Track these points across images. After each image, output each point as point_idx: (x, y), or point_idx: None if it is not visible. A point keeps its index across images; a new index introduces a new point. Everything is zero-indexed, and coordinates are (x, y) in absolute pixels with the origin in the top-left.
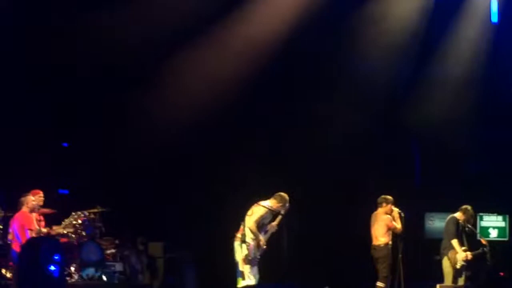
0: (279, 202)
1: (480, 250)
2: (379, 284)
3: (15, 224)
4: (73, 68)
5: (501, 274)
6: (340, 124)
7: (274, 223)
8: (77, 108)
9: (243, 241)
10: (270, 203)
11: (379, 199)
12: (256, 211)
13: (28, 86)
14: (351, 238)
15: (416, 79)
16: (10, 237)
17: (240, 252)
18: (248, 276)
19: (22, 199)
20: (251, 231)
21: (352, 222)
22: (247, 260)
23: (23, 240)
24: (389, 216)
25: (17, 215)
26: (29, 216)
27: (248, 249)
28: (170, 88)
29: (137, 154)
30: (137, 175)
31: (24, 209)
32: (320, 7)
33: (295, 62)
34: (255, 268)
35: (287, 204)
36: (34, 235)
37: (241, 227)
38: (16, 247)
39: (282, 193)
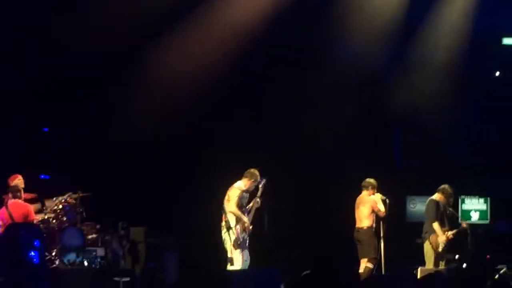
0: (250, 179)
1: (460, 228)
2: (368, 265)
3: (14, 214)
4: (54, 53)
5: (487, 257)
6: (320, 108)
7: (258, 198)
8: (57, 92)
9: (228, 227)
10: (242, 183)
11: (364, 183)
12: (232, 194)
13: (7, 71)
14: (334, 223)
15: (397, 63)
16: (1, 230)
17: (228, 240)
18: (237, 261)
19: (19, 188)
20: (234, 214)
21: (334, 206)
22: (237, 245)
23: None
24: (374, 198)
25: (13, 204)
26: (30, 206)
27: (235, 233)
28: (151, 72)
29: (118, 138)
30: (118, 159)
31: (14, 198)
32: None
33: (276, 46)
34: (246, 252)
35: (259, 178)
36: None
37: (223, 215)
38: None
39: (251, 170)
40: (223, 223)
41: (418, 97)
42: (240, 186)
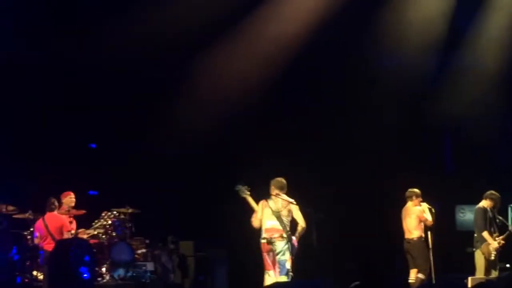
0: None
1: (510, 232)
2: (419, 276)
3: (50, 227)
4: (100, 68)
5: None
6: (369, 117)
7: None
8: (104, 107)
9: (290, 239)
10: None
11: (408, 193)
12: (295, 208)
13: (54, 86)
14: (382, 232)
15: (445, 70)
16: (37, 241)
17: (288, 252)
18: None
19: (53, 200)
20: (303, 228)
21: (383, 215)
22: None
23: None
24: (420, 208)
25: (49, 217)
26: (65, 218)
27: (295, 245)
28: (199, 86)
29: (167, 152)
30: (166, 174)
31: (56, 211)
32: (343, 3)
33: (321, 58)
34: None
35: None
36: (70, 236)
37: (281, 226)
38: (48, 248)
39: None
40: (285, 235)
41: (467, 105)
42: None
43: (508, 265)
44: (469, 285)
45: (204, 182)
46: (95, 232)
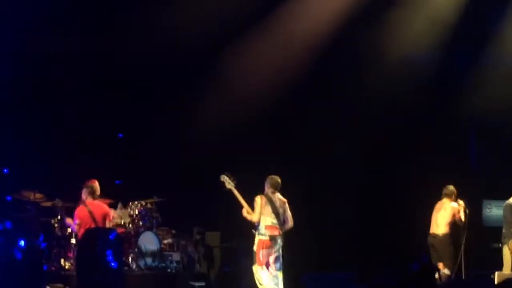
0: None
1: None
2: (445, 271)
3: (95, 214)
4: (129, 58)
5: None
6: (396, 112)
7: None
8: (131, 97)
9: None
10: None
11: (448, 191)
12: (287, 208)
13: (82, 76)
14: (411, 226)
15: (472, 66)
16: (77, 228)
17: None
18: None
19: (96, 187)
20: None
21: (410, 210)
22: None
23: None
24: (457, 205)
25: (93, 204)
26: (107, 207)
27: None
28: (226, 77)
29: (193, 143)
30: (193, 164)
31: (91, 198)
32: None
33: (345, 54)
34: None
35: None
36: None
37: (278, 224)
38: None
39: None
40: (281, 232)
41: (494, 100)
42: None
43: None
44: (496, 280)
45: (232, 172)
46: (122, 222)
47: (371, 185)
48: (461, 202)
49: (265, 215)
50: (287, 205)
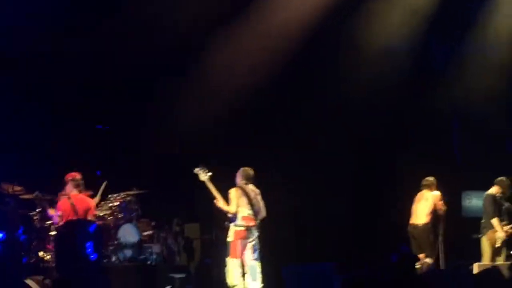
0: None
1: None
2: (427, 260)
3: (78, 207)
4: (109, 52)
5: None
6: (376, 103)
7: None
8: (112, 89)
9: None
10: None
11: (429, 182)
12: (260, 199)
13: (63, 69)
14: (391, 216)
15: (456, 57)
16: (58, 219)
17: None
18: None
19: (79, 180)
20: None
21: (391, 200)
22: None
23: None
24: (438, 194)
25: (76, 197)
26: (91, 201)
27: None
28: (205, 70)
29: (172, 135)
30: (173, 157)
31: (76, 191)
32: None
33: (326, 46)
34: None
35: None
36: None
37: (254, 215)
38: None
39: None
40: (257, 223)
41: (476, 91)
42: None
43: None
44: (475, 271)
45: (211, 164)
46: (102, 214)
47: (353, 178)
48: (438, 192)
49: (241, 207)
50: (259, 195)
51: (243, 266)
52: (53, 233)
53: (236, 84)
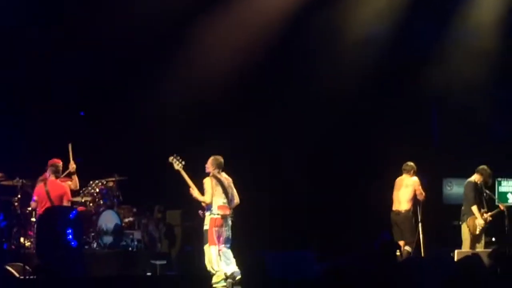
0: None
1: (497, 210)
2: (406, 248)
3: (51, 193)
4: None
5: None
6: (356, 88)
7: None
8: (93, 76)
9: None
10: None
11: (408, 167)
12: (233, 186)
13: (47, 57)
14: (373, 203)
15: (436, 42)
16: (34, 205)
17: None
18: None
19: (58, 166)
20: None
21: (371, 186)
22: None
23: None
24: (416, 179)
25: (51, 183)
26: (66, 187)
27: None
28: (185, 56)
29: (155, 122)
30: (154, 143)
31: (54, 177)
32: None
33: (307, 32)
34: None
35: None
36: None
37: (228, 204)
38: None
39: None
40: (231, 211)
41: (457, 76)
42: None
43: (494, 239)
44: (456, 258)
45: (191, 151)
46: (83, 200)
47: (333, 163)
48: (415, 177)
49: (216, 196)
50: (232, 183)
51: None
52: (34, 219)
53: (217, 70)
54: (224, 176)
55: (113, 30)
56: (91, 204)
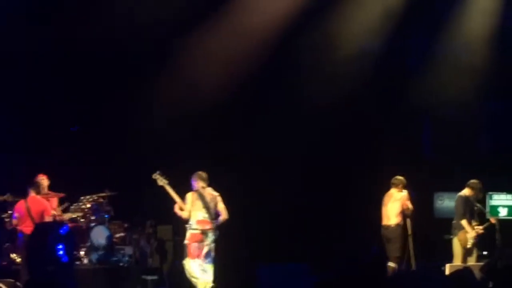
0: None
1: (488, 224)
2: (390, 264)
3: (32, 209)
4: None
5: None
6: (348, 101)
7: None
8: (86, 91)
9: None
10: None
11: (397, 181)
12: (219, 201)
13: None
14: (361, 218)
15: (427, 56)
16: (15, 222)
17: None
18: None
19: (40, 182)
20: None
21: (362, 199)
22: None
23: None
24: (404, 194)
25: (32, 200)
26: (47, 203)
27: None
28: (179, 70)
29: (145, 137)
30: (145, 158)
31: (34, 193)
32: None
33: (299, 45)
34: None
35: None
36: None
37: (210, 219)
38: (27, 231)
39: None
40: (213, 226)
41: (447, 90)
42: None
43: (485, 253)
44: (447, 272)
45: (183, 167)
46: (74, 216)
47: (325, 175)
48: (405, 190)
49: (196, 210)
50: (219, 198)
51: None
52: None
53: (208, 83)
54: (208, 192)
55: (102, 44)
56: (82, 220)
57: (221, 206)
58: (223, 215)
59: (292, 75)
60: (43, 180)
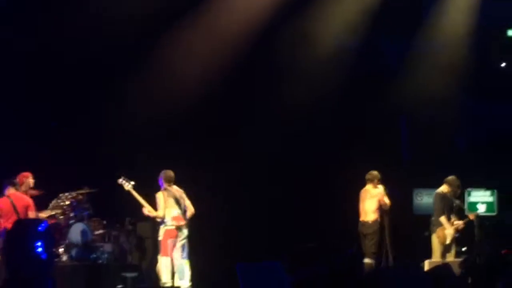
0: None
1: (467, 220)
2: (367, 260)
3: (17, 206)
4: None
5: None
6: (326, 100)
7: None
8: (64, 86)
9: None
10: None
11: (371, 176)
12: (185, 197)
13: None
14: (336, 214)
15: (404, 55)
16: None
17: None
18: None
19: (24, 179)
20: (192, 214)
21: (340, 199)
22: None
23: None
24: (380, 190)
25: (15, 196)
26: (29, 198)
27: None
28: (157, 66)
29: (125, 134)
30: (125, 155)
31: (18, 190)
32: None
33: (276, 43)
34: None
35: None
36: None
37: (182, 215)
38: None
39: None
40: (186, 222)
41: (424, 89)
42: None
43: (464, 249)
44: (426, 268)
45: (162, 163)
46: (53, 213)
47: (302, 174)
48: (380, 186)
49: (169, 208)
50: (184, 194)
51: (172, 265)
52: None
53: (186, 81)
54: (175, 188)
55: (81, 43)
56: (61, 217)
57: (187, 202)
58: (190, 210)
59: (269, 73)
60: (29, 179)
